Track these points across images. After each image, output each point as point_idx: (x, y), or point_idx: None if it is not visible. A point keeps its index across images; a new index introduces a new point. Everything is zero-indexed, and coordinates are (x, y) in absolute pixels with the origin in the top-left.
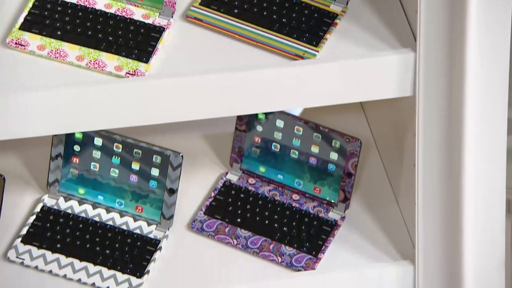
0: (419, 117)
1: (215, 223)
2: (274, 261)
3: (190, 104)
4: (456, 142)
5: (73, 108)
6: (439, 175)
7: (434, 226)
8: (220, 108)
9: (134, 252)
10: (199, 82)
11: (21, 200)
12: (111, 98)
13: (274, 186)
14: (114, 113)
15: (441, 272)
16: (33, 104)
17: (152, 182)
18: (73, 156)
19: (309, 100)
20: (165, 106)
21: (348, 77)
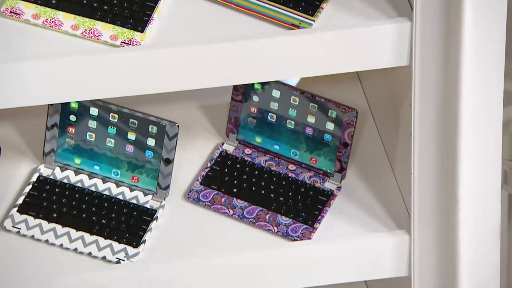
0: (415, 87)
1: (211, 193)
2: (270, 231)
3: (186, 74)
4: (452, 111)
5: (68, 77)
6: (435, 144)
7: (430, 195)
8: (216, 78)
9: (130, 222)
10: (194, 52)
11: (17, 169)
12: (106, 67)
13: (270, 156)
14: (109, 82)
15: (437, 241)
16: (28, 73)
17: (148, 152)
18: (69, 126)
19: (305, 70)
20: (161, 75)
21: (344, 47)
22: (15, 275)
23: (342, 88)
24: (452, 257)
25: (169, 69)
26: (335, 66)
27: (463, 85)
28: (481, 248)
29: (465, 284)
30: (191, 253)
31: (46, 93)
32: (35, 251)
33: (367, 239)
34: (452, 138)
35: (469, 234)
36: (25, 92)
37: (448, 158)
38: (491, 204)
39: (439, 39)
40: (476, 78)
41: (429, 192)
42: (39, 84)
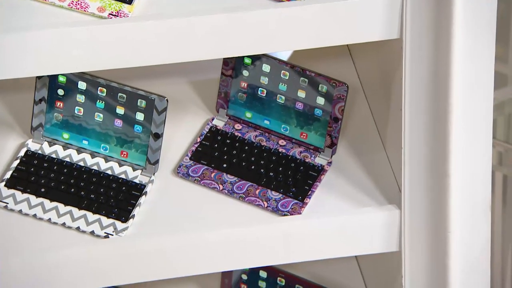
0: (406, 60)
1: (200, 168)
2: (260, 206)
3: (174, 47)
4: (443, 85)
5: (55, 49)
6: (426, 119)
7: (421, 170)
8: (205, 51)
9: (119, 197)
10: (183, 24)
11: (4, 144)
12: (93, 39)
13: (261, 131)
14: (96, 55)
15: (427, 216)
16: (14, 45)
17: (137, 127)
18: (57, 100)
19: (295, 42)
20: (149, 48)
21: (334, 19)
22: (2, 249)
23: (333, 64)
24: (442, 231)
25: (157, 42)
26: (326, 39)
27: (454, 58)
28: (472, 223)
29: (456, 259)
30: (181, 228)
31: (32, 66)
32: (23, 226)
33: (357, 214)
34: (442, 113)
35: (460, 209)
36: (10, 64)
37: (439, 132)
38: (482, 179)
39: (430, 12)
40: (467, 50)
41: (420, 167)
42: (25, 56)
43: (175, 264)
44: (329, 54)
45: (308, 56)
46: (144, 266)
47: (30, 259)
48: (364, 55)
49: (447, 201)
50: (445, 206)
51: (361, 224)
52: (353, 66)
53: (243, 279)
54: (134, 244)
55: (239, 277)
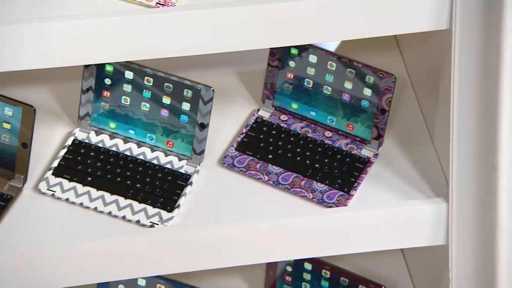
0: (455, 52)
1: (246, 159)
2: (305, 197)
3: (221, 36)
4: (493, 77)
5: (102, 38)
6: (475, 111)
7: (469, 162)
8: (251, 41)
9: (165, 187)
10: (230, 13)
11: (52, 133)
12: (140, 28)
13: (307, 123)
14: (143, 44)
15: (475, 209)
16: (63, 34)
17: (183, 117)
18: (104, 90)
19: (342, 33)
20: (195, 37)
21: (381, 9)
22: (50, 237)
23: (381, 55)
24: (490, 224)
25: (203, 31)
26: (373, 29)
27: (504, 49)
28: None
29: (504, 252)
30: (225, 219)
31: (80, 54)
32: (70, 214)
33: (404, 207)
34: (492, 105)
35: (509, 202)
36: (59, 53)
37: (488, 125)
38: None
39: (481, 1)
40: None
41: (468, 160)
42: (73, 45)
43: (220, 254)
44: (377, 45)
45: (356, 47)
46: (189, 256)
47: (76, 247)
48: (412, 46)
49: (495, 194)
50: (493, 199)
51: (408, 217)
52: (400, 57)
53: (288, 271)
54: (179, 234)
55: (284, 269)
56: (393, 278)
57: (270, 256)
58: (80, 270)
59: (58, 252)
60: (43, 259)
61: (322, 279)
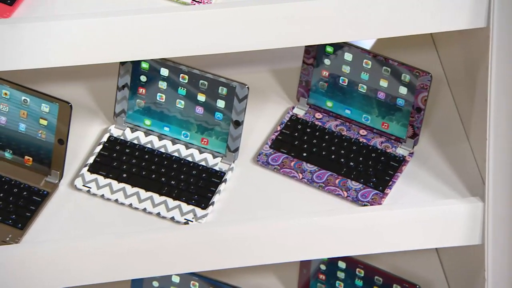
0: (493, 50)
1: (280, 157)
2: (339, 195)
3: (256, 34)
4: None
5: (139, 35)
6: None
7: (505, 162)
8: (287, 38)
9: (199, 184)
10: (265, 11)
11: (87, 130)
12: (176, 25)
13: (341, 121)
14: (179, 41)
15: (511, 208)
16: (99, 31)
17: (217, 114)
18: (140, 87)
19: (378, 30)
20: (231, 35)
21: (418, 6)
22: (85, 233)
23: (417, 54)
24: None
25: (239, 29)
26: (409, 27)
27: None
28: None
29: None
30: (259, 216)
31: (116, 51)
32: (105, 211)
33: (439, 206)
34: None
35: None
36: (96, 49)
37: None
38: None
39: None
40: None
41: (505, 159)
42: (109, 42)
43: (253, 252)
44: (413, 44)
45: (391, 45)
46: (223, 253)
47: (111, 244)
48: (448, 44)
49: None
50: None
51: (443, 216)
52: (437, 55)
53: (322, 269)
54: (213, 231)
55: (317, 267)
56: (428, 277)
57: (304, 254)
58: (115, 266)
59: (93, 248)
60: (78, 255)
61: (356, 278)
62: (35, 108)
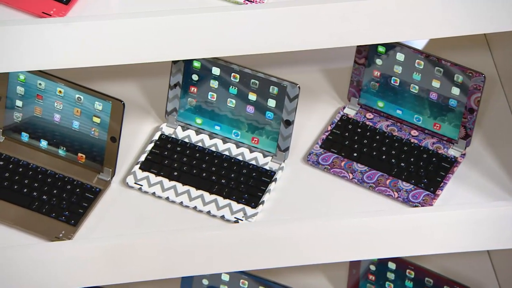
0: None
1: (331, 156)
2: (390, 196)
3: (308, 33)
4: None
5: (191, 34)
6: None
7: None
8: (339, 38)
9: (249, 183)
10: (317, 10)
11: (139, 128)
12: (229, 25)
13: (393, 121)
14: (231, 40)
15: None
16: (152, 29)
17: (268, 113)
18: (191, 86)
19: (430, 31)
20: (283, 34)
21: (472, 7)
22: (136, 230)
23: (470, 54)
24: None
25: (291, 28)
26: (463, 28)
27: None
28: None
29: None
30: (309, 216)
31: (168, 50)
32: (156, 208)
33: (491, 208)
34: None
35: None
36: (148, 48)
37: None
38: None
39: None
40: None
41: None
42: (162, 41)
43: (303, 251)
44: (466, 44)
45: (444, 45)
46: (272, 252)
47: (161, 241)
48: (502, 45)
49: None
50: None
51: (495, 217)
52: (490, 56)
53: (371, 270)
54: (263, 230)
55: (367, 268)
56: (479, 279)
57: (353, 254)
58: (165, 264)
59: (144, 246)
60: (129, 252)
61: (406, 279)
62: (89, 106)
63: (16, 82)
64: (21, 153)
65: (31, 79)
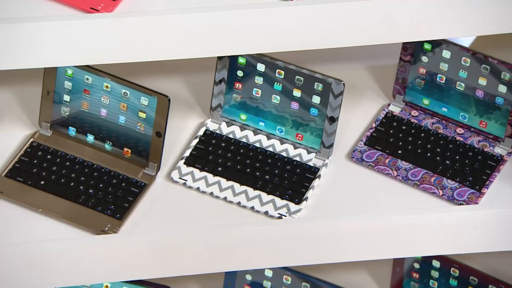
0: None
1: (375, 153)
2: (435, 194)
3: (354, 30)
4: None
5: (237, 30)
6: None
7: None
8: (384, 35)
9: (293, 179)
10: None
11: (184, 123)
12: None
13: (438, 119)
14: (276, 36)
15: None
16: (198, 25)
17: (313, 110)
18: (236, 82)
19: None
20: (329, 30)
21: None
22: (181, 225)
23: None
24: None
25: (337, 24)
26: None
27: None
28: None
29: None
30: (353, 213)
31: (214, 46)
32: (200, 203)
33: None
34: None
35: None
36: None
37: None
38: None
39: None
40: None
41: None
42: (207, 37)
43: (346, 248)
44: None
45: (491, 43)
46: (316, 249)
47: (206, 236)
48: None
49: None
50: None
51: None
52: None
53: (415, 268)
54: (306, 226)
55: (411, 266)
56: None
57: (397, 252)
58: (209, 259)
59: (188, 240)
60: (173, 246)
61: (451, 278)
62: (135, 101)
63: (64, 77)
64: (68, 147)
65: (78, 74)
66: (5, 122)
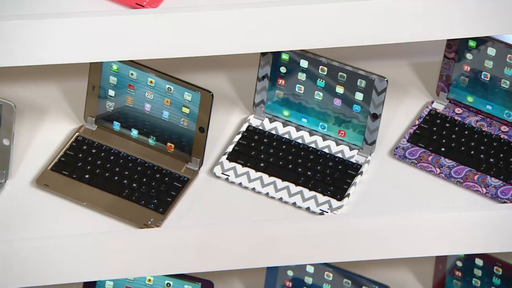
0: None
1: (418, 151)
2: (478, 191)
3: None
4: None
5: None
6: None
7: None
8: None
9: (335, 175)
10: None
11: (227, 118)
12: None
13: (482, 116)
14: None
15: None
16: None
17: (355, 107)
18: (279, 78)
19: None
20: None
21: None
22: (223, 220)
23: None
24: None
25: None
26: None
27: None
28: None
29: None
30: (395, 210)
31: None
32: (242, 198)
33: None
34: None
35: None
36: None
37: None
38: None
39: None
40: None
41: None
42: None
43: (388, 245)
44: None
45: None
46: (357, 245)
47: (249, 231)
48: None
49: None
50: None
51: None
52: None
53: (458, 266)
54: (348, 223)
55: (453, 264)
56: None
57: (440, 249)
58: (251, 254)
59: (231, 235)
60: (216, 241)
61: (494, 276)
62: (178, 96)
63: (109, 72)
64: (112, 142)
65: (123, 69)
66: (51, 116)
